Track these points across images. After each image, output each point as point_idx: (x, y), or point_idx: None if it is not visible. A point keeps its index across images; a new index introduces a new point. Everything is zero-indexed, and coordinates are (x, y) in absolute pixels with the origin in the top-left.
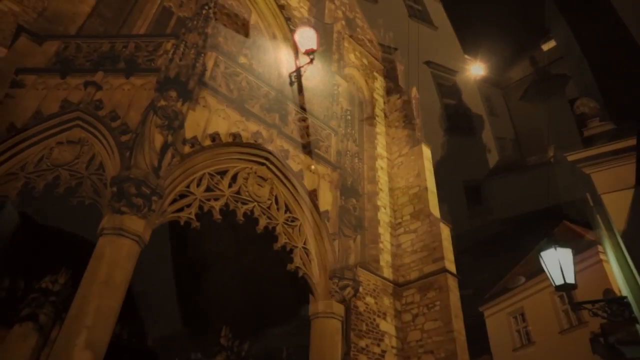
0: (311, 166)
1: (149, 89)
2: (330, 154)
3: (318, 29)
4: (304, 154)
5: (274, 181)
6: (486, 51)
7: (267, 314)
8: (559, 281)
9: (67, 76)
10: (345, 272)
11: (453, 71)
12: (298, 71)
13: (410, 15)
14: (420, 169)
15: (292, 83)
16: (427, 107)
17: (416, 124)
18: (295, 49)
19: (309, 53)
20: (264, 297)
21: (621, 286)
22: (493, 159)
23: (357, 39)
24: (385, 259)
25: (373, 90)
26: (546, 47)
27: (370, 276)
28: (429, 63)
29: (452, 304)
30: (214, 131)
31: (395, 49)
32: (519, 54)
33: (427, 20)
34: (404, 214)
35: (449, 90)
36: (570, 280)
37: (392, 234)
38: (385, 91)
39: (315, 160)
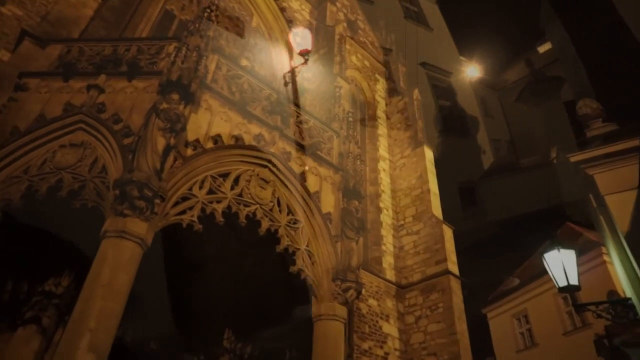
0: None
1: (151, 92)
2: (333, 156)
3: (319, 31)
4: (306, 156)
5: (276, 183)
6: (482, 53)
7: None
8: (562, 283)
9: (70, 79)
10: (347, 274)
11: (448, 72)
12: (292, 72)
13: (406, 17)
14: (423, 170)
15: (287, 84)
16: (422, 108)
17: (418, 126)
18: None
19: (304, 54)
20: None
21: (625, 287)
22: (488, 160)
23: (359, 41)
24: (388, 261)
25: (375, 92)
26: (542, 50)
27: (373, 278)
28: (424, 64)
29: (455, 305)
30: (216, 134)
31: (390, 50)
32: (514, 56)
33: (423, 22)
34: (406, 215)
35: (444, 91)
36: (574, 281)
37: (395, 235)
38: (386, 93)
39: (317, 162)
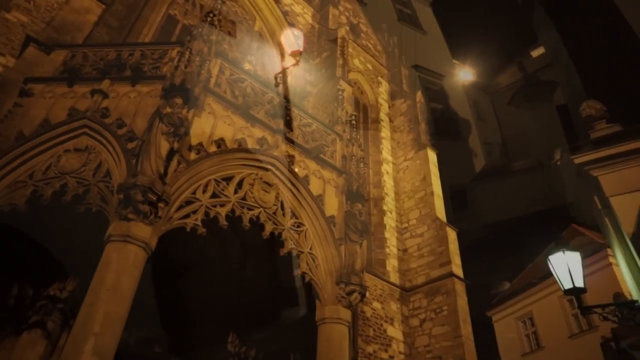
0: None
1: (154, 97)
2: (336, 159)
3: (322, 34)
4: (309, 159)
5: (279, 187)
6: (475, 56)
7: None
8: (567, 285)
9: (75, 85)
10: (351, 278)
11: (441, 75)
12: (284, 72)
13: (399, 19)
14: (426, 173)
15: (278, 84)
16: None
17: (421, 128)
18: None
19: (295, 55)
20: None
21: (632, 290)
22: (480, 163)
23: (361, 45)
24: (392, 264)
25: (377, 95)
26: (535, 54)
27: (377, 281)
28: (416, 67)
29: (460, 308)
30: (220, 137)
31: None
32: (507, 60)
33: (416, 25)
34: (410, 218)
35: (436, 94)
36: (580, 284)
37: (399, 238)
38: (389, 96)
39: (320, 165)
